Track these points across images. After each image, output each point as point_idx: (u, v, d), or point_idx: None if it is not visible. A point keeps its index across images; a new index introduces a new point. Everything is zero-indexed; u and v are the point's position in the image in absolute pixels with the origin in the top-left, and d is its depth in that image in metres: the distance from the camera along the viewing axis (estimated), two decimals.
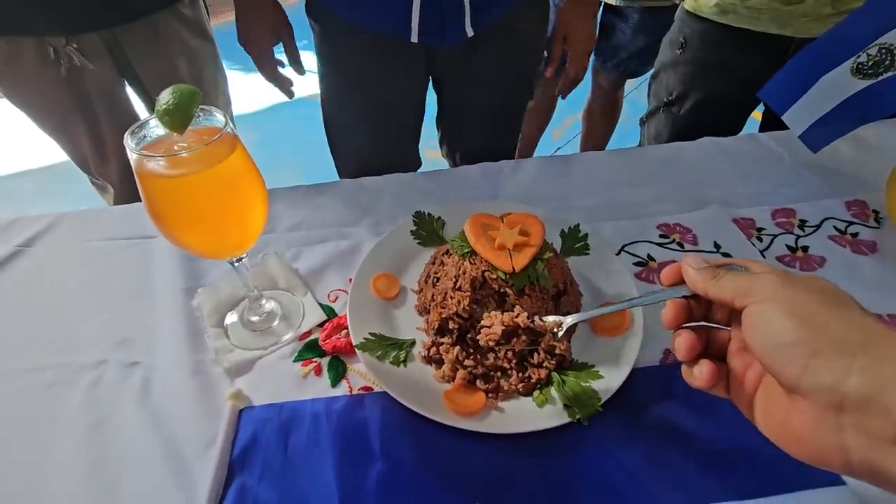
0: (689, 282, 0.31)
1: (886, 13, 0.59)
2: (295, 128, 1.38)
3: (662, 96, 1.01)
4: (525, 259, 0.47)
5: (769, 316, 0.26)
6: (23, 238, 0.63)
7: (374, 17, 0.73)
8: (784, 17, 0.79)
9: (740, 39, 0.85)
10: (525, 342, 0.45)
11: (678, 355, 0.31)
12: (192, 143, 0.38)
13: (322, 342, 0.50)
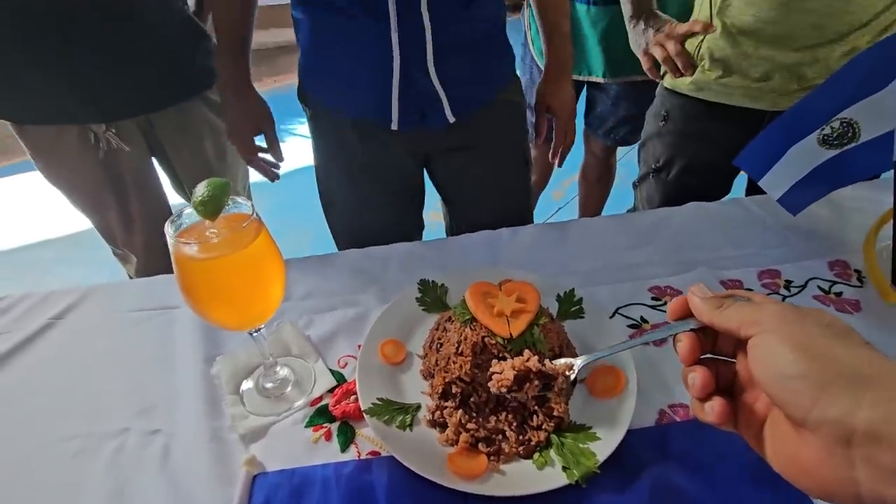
0: (695, 311, 0.31)
1: (845, 90, 0.66)
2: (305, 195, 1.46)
3: (651, 163, 1.07)
4: (522, 325, 0.51)
5: (775, 347, 0.26)
6: (55, 311, 0.68)
7: (357, 106, 0.80)
8: (754, 93, 0.86)
9: (717, 113, 0.91)
10: (537, 387, 0.46)
11: (692, 392, 0.31)
12: (223, 229, 0.43)
13: (332, 408, 0.53)
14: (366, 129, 0.82)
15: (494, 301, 0.53)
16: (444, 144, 0.86)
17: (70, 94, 0.91)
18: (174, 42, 0.97)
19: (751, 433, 0.30)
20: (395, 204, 0.95)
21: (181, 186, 1.17)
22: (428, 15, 0.70)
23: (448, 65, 0.75)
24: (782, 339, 0.26)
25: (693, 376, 0.31)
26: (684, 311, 0.33)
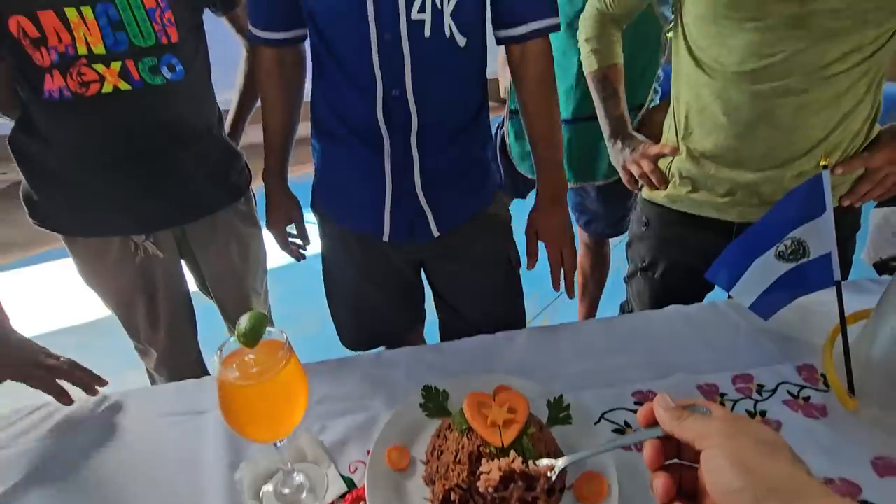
0: (659, 421, 0.35)
1: (793, 213, 0.75)
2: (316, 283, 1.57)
3: (638, 262, 1.17)
4: (512, 434, 0.57)
5: (719, 461, 0.30)
6: (87, 416, 0.75)
7: (354, 221, 0.93)
8: (721, 206, 0.97)
9: (691, 222, 1.01)
10: (522, 487, 0.51)
11: (656, 497, 0.34)
12: (260, 355, 0.52)
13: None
14: (364, 239, 0.94)
15: (488, 411, 0.59)
16: (434, 253, 0.96)
17: (117, 209, 1.04)
18: (212, 161, 1.11)
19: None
20: (396, 301, 1.05)
21: (204, 285, 1.27)
22: (416, 149, 0.83)
23: (434, 188, 0.87)
24: (725, 455, 0.30)
25: (656, 482, 0.35)
26: (652, 419, 0.37)
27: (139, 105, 0.95)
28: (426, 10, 0.75)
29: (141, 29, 0.91)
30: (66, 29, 0.87)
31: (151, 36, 0.92)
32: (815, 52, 0.80)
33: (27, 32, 0.86)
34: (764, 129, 0.87)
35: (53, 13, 0.85)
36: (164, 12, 0.92)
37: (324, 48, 0.82)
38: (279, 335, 0.53)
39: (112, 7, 0.88)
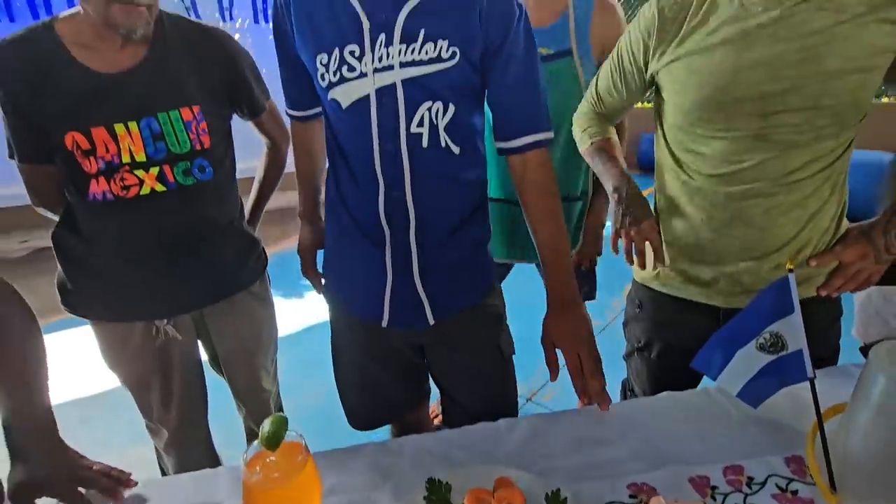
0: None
1: (767, 309, 0.82)
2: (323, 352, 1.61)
3: (634, 342, 1.21)
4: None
5: None
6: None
7: (356, 304, 1.00)
8: (707, 292, 1.03)
9: (681, 305, 1.06)
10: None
11: None
12: (280, 457, 0.57)
13: None
14: (367, 320, 1.00)
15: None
16: (432, 339, 1.02)
17: (144, 296, 1.12)
18: (234, 249, 1.20)
19: None
20: (399, 380, 1.09)
21: (216, 362, 1.32)
22: (415, 245, 0.92)
23: (432, 280, 0.94)
24: None
25: None
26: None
27: (172, 204, 1.06)
28: (424, 125, 0.86)
29: (178, 139, 1.03)
30: (113, 141, 0.99)
31: (187, 144, 1.04)
32: (779, 160, 0.89)
33: (80, 145, 0.98)
34: (739, 226, 0.95)
35: (104, 129, 0.98)
36: (199, 123, 1.05)
37: (335, 146, 0.93)
38: (297, 437, 0.59)
39: (154, 121, 1.01)
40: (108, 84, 0.97)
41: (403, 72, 0.82)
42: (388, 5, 0.81)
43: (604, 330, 2.66)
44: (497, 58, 0.86)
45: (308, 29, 0.87)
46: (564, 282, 0.93)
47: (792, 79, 0.84)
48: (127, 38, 0.95)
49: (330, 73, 0.85)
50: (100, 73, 0.97)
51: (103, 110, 0.97)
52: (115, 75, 0.97)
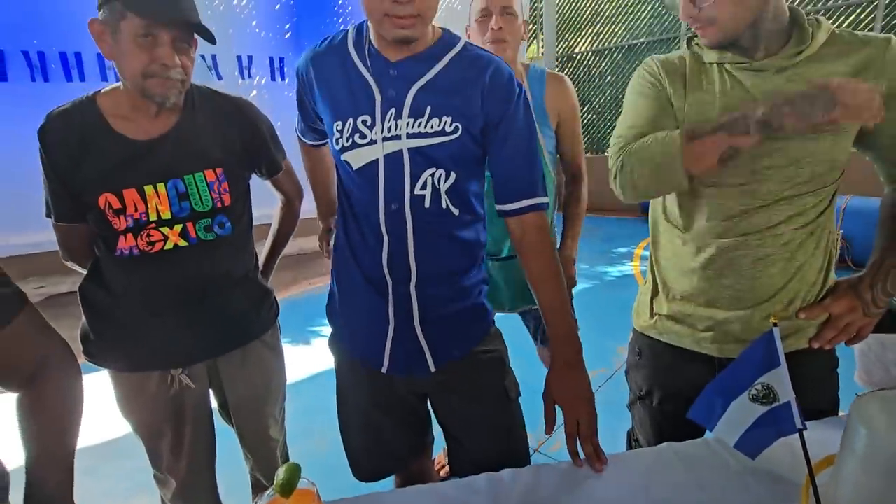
0: None
1: (758, 361, 0.85)
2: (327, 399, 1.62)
3: (636, 391, 1.22)
4: None
5: None
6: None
7: (358, 350, 1.05)
8: (701, 342, 1.05)
9: (678, 353, 1.09)
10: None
11: None
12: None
13: None
14: (371, 367, 1.04)
15: None
16: (434, 386, 1.05)
17: (162, 346, 1.16)
18: (248, 300, 1.26)
19: None
20: (403, 428, 1.11)
21: (227, 411, 1.35)
22: (416, 296, 0.97)
23: (432, 328, 0.99)
24: None
25: None
26: None
27: (193, 257, 1.13)
28: (427, 188, 0.93)
29: (201, 198, 1.11)
30: (142, 201, 1.07)
31: (209, 202, 1.12)
32: (764, 213, 0.95)
33: (112, 205, 1.06)
34: (729, 275, 1.00)
35: (135, 190, 1.06)
36: (221, 183, 1.13)
37: (346, 202, 1.01)
38: (309, 485, 0.62)
39: (180, 182, 1.09)
40: (141, 150, 1.07)
41: (410, 142, 0.91)
42: (399, 84, 0.91)
43: (611, 378, 2.65)
44: (497, 131, 0.94)
45: (327, 98, 0.97)
46: (567, 342, 0.97)
47: (774, 139, 0.90)
48: (161, 108, 1.05)
49: (344, 139, 0.94)
50: (135, 141, 1.06)
51: (136, 174, 1.06)
52: (148, 142, 1.07)
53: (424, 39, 0.92)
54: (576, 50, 7.90)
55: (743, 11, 0.87)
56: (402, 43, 0.88)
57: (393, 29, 0.84)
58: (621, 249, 5.31)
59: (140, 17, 0.93)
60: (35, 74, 3.93)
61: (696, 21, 0.91)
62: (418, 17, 0.84)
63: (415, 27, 0.85)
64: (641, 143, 0.94)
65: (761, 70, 0.91)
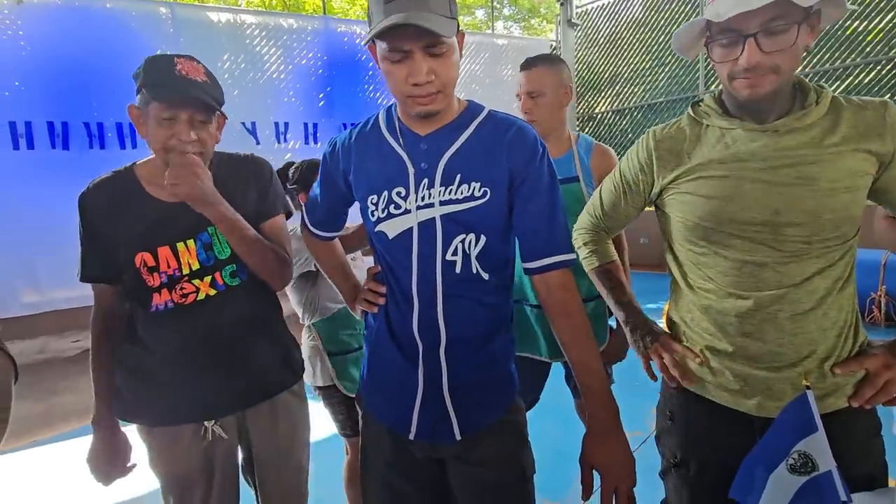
0: None
1: (792, 427, 0.81)
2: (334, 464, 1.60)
3: (669, 458, 1.15)
4: None
5: None
6: None
7: (386, 416, 1.04)
8: (738, 397, 0.99)
9: (714, 413, 1.03)
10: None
11: None
12: None
13: None
14: (394, 432, 1.03)
15: None
16: (455, 454, 1.03)
17: (195, 399, 1.19)
18: (276, 350, 1.29)
19: None
20: (423, 493, 1.07)
21: (251, 466, 1.33)
22: (445, 360, 0.97)
23: (460, 394, 0.98)
24: None
25: None
26: None
27: (223, 305, 1.19)
28: (458, 254, 0.96)
29: (222, 246, 1.18)
30: (174, 257, 1.14)
31: (228, 248, 1.19)
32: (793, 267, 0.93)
33: (146, 263, 1.14)
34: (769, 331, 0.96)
35: (168, 247, 1.14)
36: None
37: (384, 265, 1.04)
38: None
39: (206, 234, 1.17)
40: (172, 211, 1.15)
41: (442, 209, 0.95)
42: (430, 156, 0.96)
43: (644, 442, 2.51)
44: (521, 189, 0.97)
45: (362, 174, 1.02)
46: (602, 404, 0.93)
47: (791, 197, 0.91)
48: None
49: (379, 210, 0.98)
50: (167, 203, 1.16)
51: (169, 232, 1.14)
52: (177, 204, 1.14)
53: (451, 112, 0.98)
54: (596, 110, 8.15)
55: (795, 64, 0.89)
56: (427, 117, 0.95)
57: (416, 107, 0.91)
58: (650, 305, 5.17)
59: (159, 102, 1.07)
60: (93, 143, 4.30)
61: (754, 71, 0.87)
62: (439, 93, 0.90)
63: (436, 102, 0.91)
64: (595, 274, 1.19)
65: (774, 131, 0.93)
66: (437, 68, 0.88)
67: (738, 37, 0.87)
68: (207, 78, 1.14)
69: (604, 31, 7.87)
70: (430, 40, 0.85)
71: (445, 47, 0.88)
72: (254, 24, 4.96)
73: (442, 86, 0.90)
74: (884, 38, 5.38)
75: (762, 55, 0.86)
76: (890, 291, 3.86)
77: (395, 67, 0.88)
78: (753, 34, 0.85)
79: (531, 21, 12.87)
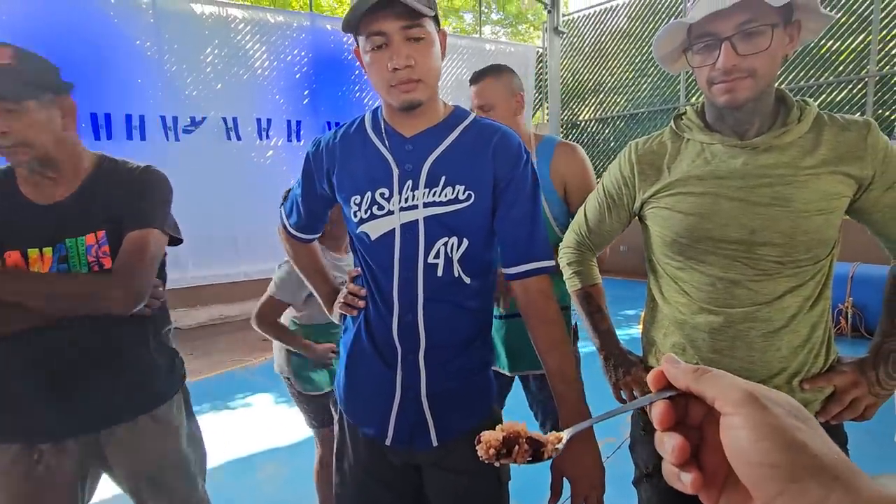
0: (671, 378, 0.32)
1: None
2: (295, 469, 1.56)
3: (642, 468, 1.16)
4: None
5: (749, 432, 0.27)
6: None
7: (363, 421, 1.03)
8: None
9: None
10: (527, 452, 0.44)
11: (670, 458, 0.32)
12: None
13: None
14: (370, 438, 1.02)
15: None
16: (430, 460, 1.02)
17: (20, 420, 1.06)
18: (135, 371, 1.16)
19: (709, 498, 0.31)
20: (398, 501, 1.07)
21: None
22: (424, 365, 0.97)
23: (437, 400, 0.98)
24: (755, 425, 0.27)
25: (671, 443, 0.32)
26: (664, 382, 0.34)
27: (67, 324, 1.05)
28: (440, 257, 0.95)
29: (80, 261, 1.09)
30: (24, 263, 1.06)
31: (86, 266, 1.09)
32: (766, 284, 0.95)
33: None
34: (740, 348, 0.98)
35: (19, 253, 1.05)
36: (101, 246, 1.10)
37: (365, 267, 1.02)
38: None
39: (62, 246, 1.08)
40: (37, 216, 1.08)
41: (426, 210, 0.95)
42: (415, 157, 0.96)
43: (618, 449, 2.54)
44: (505, 194, 0.98)
45: (346, 174, 1.01)
46: (576, 412, 0.93)
47: (766, 217, 0.93)
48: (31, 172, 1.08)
49: (362, 211, 0.97)
50: (38, 206, 1.09)
51: (23, 236, 1.07)
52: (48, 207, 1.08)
53: (436, 114, 0.98)
54: (580, 117, 8.25)
55: (773, 70, 0.90)
56: (410, 108, 0.93)
57: (400, 95, 0.90)
58: (628, 312, 5.26)
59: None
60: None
61: (731, 73, 0.88)
62: (420, 81, 0.90)
63: (417, 91, 0.90)
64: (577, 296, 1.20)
65: (753, 147, 0.94)
66: (416, 55, 0.88)
67: (714, 40, 0.88)
68: (14, 61, 1.01)
69: (589, 41, 7.98)
70: (407, 21, 0.85)
71: (424, 32, 0.88)
72: (239, 18, 4.87)
73: (422, 74, 0.89)
74: (855, 57, 5.57)
75: (738, 58, 0.87)
76: (857, 303, 4.00)
77: (375, 56, 0.88)
78: (729, 37, 0.86)
79: (518, 27, 12.97)
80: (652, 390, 0.34)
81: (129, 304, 1.06)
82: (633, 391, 1.12)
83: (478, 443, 0.46)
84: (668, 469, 0.32)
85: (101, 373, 1.11)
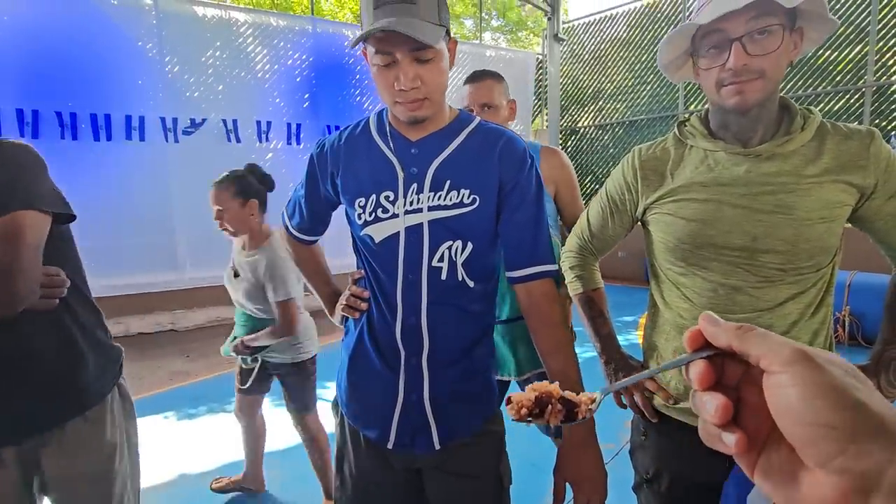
0: (710, 338, 0.31)
1: None
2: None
3: (642, 473, 1.16)
4: None
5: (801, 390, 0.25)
6: None
7: (364, 424, 1.02)
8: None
9: (686, 431, 1.04)
10: (561, 412, 0.43)
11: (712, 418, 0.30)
12: None
13: None
14: (371, 440, 1.02)
15: None
16: (432, 464, 1.01)
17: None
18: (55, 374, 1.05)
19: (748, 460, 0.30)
20: (398, 502, 1.06)
21: None
22: (427, 368, 0.96)
23: (440, 403, 0.97)
24: (807, 383, 0.25)
25: (714, 403, 0.29)
26: (701, 341, 0.32)
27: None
28: (444, 260, 0.95)
29: None
30: None
31: None
32: (768, 291, 0.95)
33: None
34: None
35: None
36: None
37: (368, 270, 1.02)
38: None
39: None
40: None
41: (430, 214, 0.94)
42: (420, 161, 0.96)
43: (617, 454, 2.54)
44: (510, 198, 0.97)
45: (351, 176, 1.01)
46: (582, 426, 0.92)
47: (769, 224, 0.93)
48: None
49: (366, 214, 0.97)
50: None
51: None
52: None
53: (442, 118, 0.98)
54: (579, 124, 8.29)
55: (780, 74, 0.89)
56: (415, 123, 0.94)
57: (405, 112, 0.91)
58: (626, 318, 5.26)
59: None
60: (65, 133, 4.16)
61: (741, 74, 0.87)
62: (426, 99, 0.90)
63: (423, 108, 0.91)
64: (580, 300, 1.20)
65: (756, 155, 0.95)
66: (424, 75, 0.87)
67: (724, 41, 0.88)
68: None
69: (589, 48, 8.02)
70: (415, 45, 0.85)
71: (432, 53, 0.87)
72: (241, 20, 4.89)
73: (429, 93, 0.89)
74: (853, 68, 5.62)
75: (748, 58, 0.86)
76: (854, 311, 4.01)
77: (383, 72, 0.88)
78: (739, 37, 0.86)
79: (518, 34, 13.04)
80: (688, 350, 0.33)
81: (12, 303, 0.90)
82: (633, 395, 1.11)
83: (507, 403, 0.44)
84: (708, 431, 0.31)
85: (14, 378, 1.00)
